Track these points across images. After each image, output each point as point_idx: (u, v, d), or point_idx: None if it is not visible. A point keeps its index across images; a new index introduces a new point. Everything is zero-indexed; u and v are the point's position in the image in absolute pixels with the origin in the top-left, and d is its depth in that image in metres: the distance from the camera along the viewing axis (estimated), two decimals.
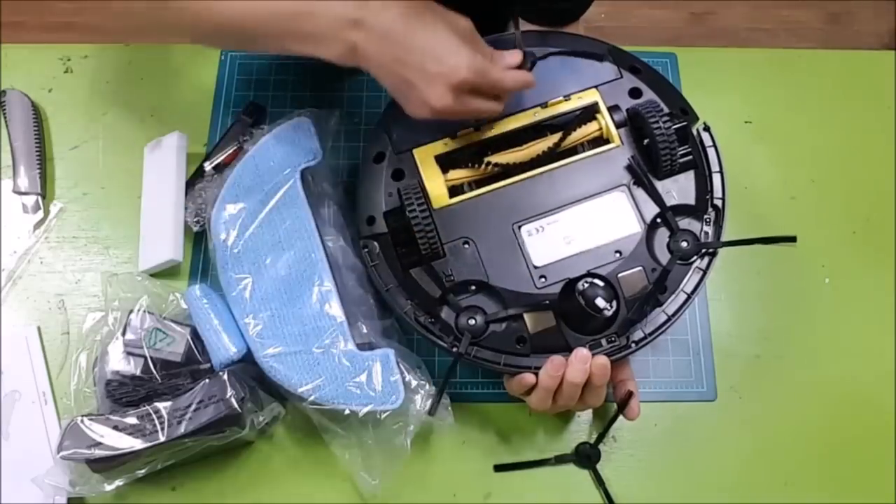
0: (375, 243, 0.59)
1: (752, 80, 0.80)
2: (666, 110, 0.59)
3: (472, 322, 0.56)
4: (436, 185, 0.59)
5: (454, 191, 0.60)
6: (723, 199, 0.59)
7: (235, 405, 0.57)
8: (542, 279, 0.57)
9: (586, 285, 0.55)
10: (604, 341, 0.56)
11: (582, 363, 0.54)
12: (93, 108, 0.76)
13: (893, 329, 0.70)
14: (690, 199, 0.59)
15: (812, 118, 0.78)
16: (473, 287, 0.57)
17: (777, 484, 0.65)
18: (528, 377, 0.56)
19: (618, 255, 0.57)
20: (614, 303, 0.55)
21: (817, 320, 0.71)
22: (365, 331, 0.62)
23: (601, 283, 0.55)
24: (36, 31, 1.57)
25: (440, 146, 0.61)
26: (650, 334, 0.57)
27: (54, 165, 0.74)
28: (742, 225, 0.74)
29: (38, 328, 0.67)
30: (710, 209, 0.59)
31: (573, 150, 0.61)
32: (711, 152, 0.60)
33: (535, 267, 0.57)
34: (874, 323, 0.71)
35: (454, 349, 0.56)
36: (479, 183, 0.61)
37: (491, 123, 0.61)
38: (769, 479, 0.65)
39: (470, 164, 0.60)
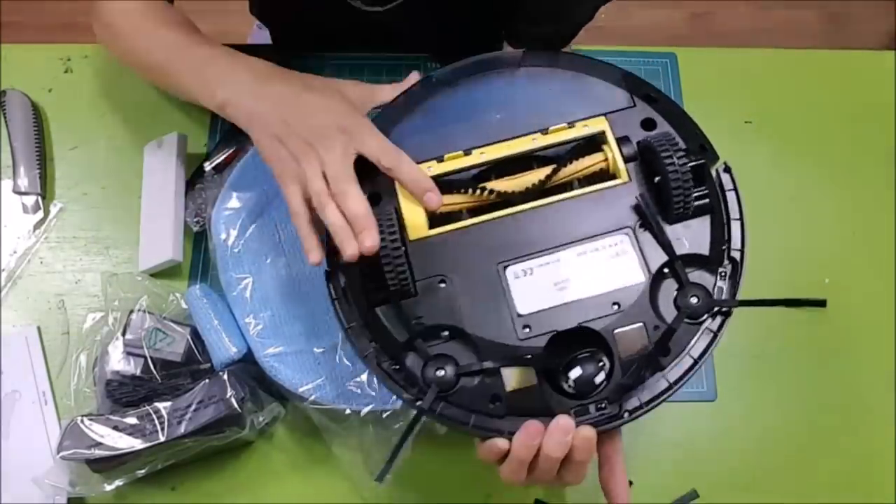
0: (342, 275, 0.53)
1: (752, 80, 0.80)
2: (682, 145, 0.52)
3: (440, 373, 0.49)
4: (414, 213, 0.53)
5: (437, 221, 0.54)
6: (742, 251, 0.51)
7: (235, 405, 0.57)
8: (526, 330, 0.50)
9: (580, 372, 0.48)
10: (592, 407, 0.48)
11: (563, 434, 0.46)
12: (93, 108, 0.76)
13: (893, 329, 0.70)
14: (704, 249, 0.51)
15: (812, 118, 0.78)
16: (446, 333, 0.50)
17: (777, 484, 0.65)
18: (501, 443, 0.48)
19: (616, 307, 0.50)
20: (606, 363, 0.49)
21: (817, 320, 0.70)
22: None
23: (593, 357, 0.49)
24: (36, 31, 1.57)
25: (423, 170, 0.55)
26: (647, 403, 0.48)
27: (54, 165, 0.74)
28: None
29: (38, 328, 0.67)
30: (726, 261, 0.51)
31: (571, 185, 0.55)
32: (731, 196, 0.53)
33: (519, 315, 0.50)
34: (874, 323, 0.71)
35: (418, 403, 0.49)
36: (470, 213, 0.54)
37: (483, 148, 0.55)
38: (769, 479, 0.65)
39: (460, 191, 0.54)
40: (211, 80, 0.59)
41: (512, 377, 0.49)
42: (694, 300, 0.50)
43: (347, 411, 0.58)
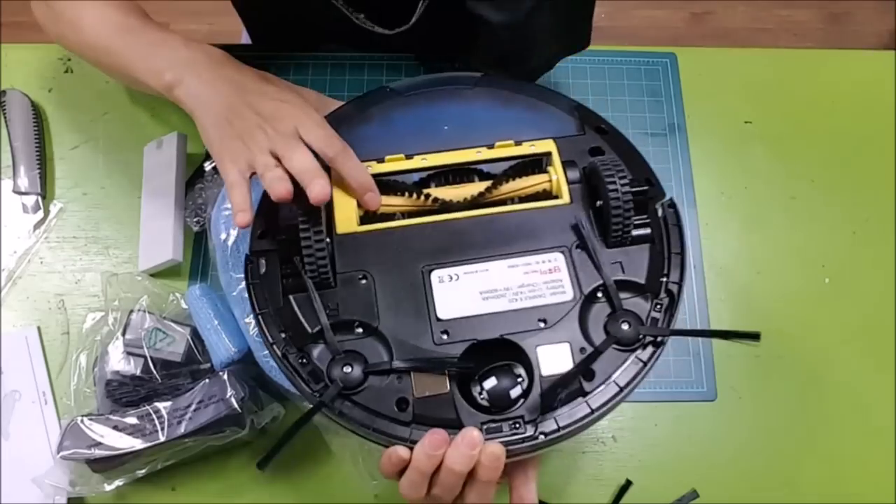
0: (263, 261, 0.51)
1: (752, 80, 0.80)
2: (627, 173, 0.52)
3: (347, 370, 0.47)
4: (346, 207, 0.52)
5: (369, 219, 0.53)
6: (679, 284, 0.50)
7: (235, 405, 0.57)
8: (444, 335, 0.48)
9: (494, 383, 0.46)
10: (505, 425, 0.46)
11: (469, 448, 0.43)
12: (93, 108, 0.76)
13: (893, 329, 0.70)
14: (640, 278, 0.50)
15: (812, 118, 0.79)
16: (360, 330, 0.49)
17: (777, 484, 0.65)
18: (402, 451, 0.45)
19: (542, 323, 0.48)
20: (525, 379, 0.47)
21: (817, 320, 0.71)
22: None
23: (510, 370, 0.47)
24: (36, 31, 1.57)
25: None
26: (565, 427, 0.46)
27: (54, 165, 0.74)
28: (742, 225, 0.74)
29: (38, 328, 0.67)
30: (663, 294, 0.50)
31: (513, 201, 0.55)
32: (675, 232, 0.52)
33: (439, 319, 0.48)
34: (874, 323, 0.71)
35: (319, 397, 0.47)
36: (405, 216, 0.54)
37: (425, 155, 0.55)
38: (769, 479, 0.65)
39: (398, 193, 0.54)
40: (161, 61, 0.58)
41: (422, 382, 0.46)
42: (625, 326, 0.48)
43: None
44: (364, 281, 0.50)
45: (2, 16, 1.55)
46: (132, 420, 0.57)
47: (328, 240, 0.50)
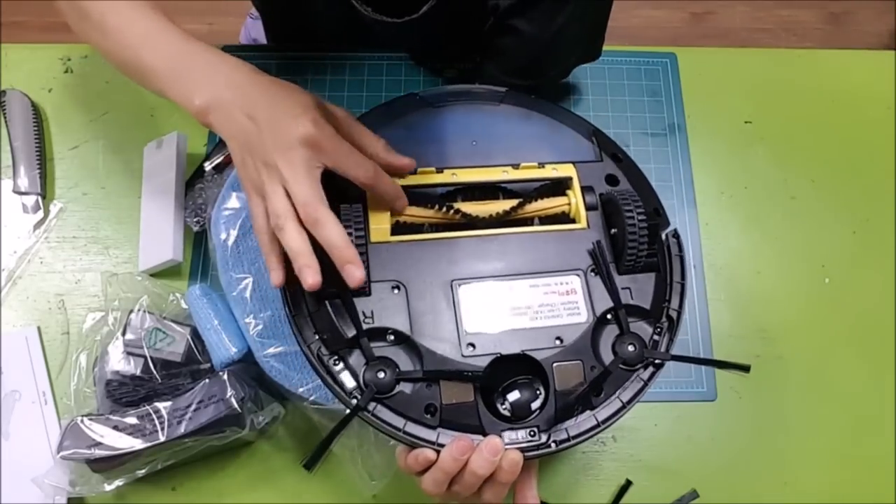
0: None
1: (752, 80, 0.80)
2: (644, 206, 0.55)
3: (380, 375, 0.49)
4: (379, 217, 0.54)
5: (400, 230, 0.55)
6: (679, 311, 0.54)
7: (235, 405, 0.57)
8: (470, 347, 0.51)
9: (518, 396, 0.50)
10: (523, 433, 0.50)
11: (491, 454, 0.47)
12: (93, 108, 0.76)
13: (893, 329, 0.70)
14: (646, 303, 0.54)
15: (812, 118, 0.79)
16: (392, 337, 0.51)
17: (777, 484, 0.65)
18: (429, 453, 0.49)
19: (558, 341, 0.51)
20: (542, 393, 0.50)
21: (817, 320, 0.71)
22: None
23: (531, 384, 0.50)
24: (36, 31, 1.57)
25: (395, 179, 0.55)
26: (574, 437, 0.50)
27: (54, 165, 0.74)
28: (742, 225, 0.74)
29: (38, 328, 0.67)
30: (664, 318, 0.54)
31: (532, 221, 0.57)
32: (677, 262, 0.55)
33: (466, 333, 0.51)
34: (874, 323, 0.71)
35: (354, 401, 0.49)
36: (433, 228, 0.56)
37: (454, 170, 0.57)
38: (769, 479, 0.65)
39: (426, 205, 0.56)
40: (188, 83, 0.56)
41: (450, 390, 0.50)
42: (631, 348, 0.52)
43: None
44: (396, 291, 0.52)
45: (2, 16, 1.55)
46: (132, 420, 0.57)
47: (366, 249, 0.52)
